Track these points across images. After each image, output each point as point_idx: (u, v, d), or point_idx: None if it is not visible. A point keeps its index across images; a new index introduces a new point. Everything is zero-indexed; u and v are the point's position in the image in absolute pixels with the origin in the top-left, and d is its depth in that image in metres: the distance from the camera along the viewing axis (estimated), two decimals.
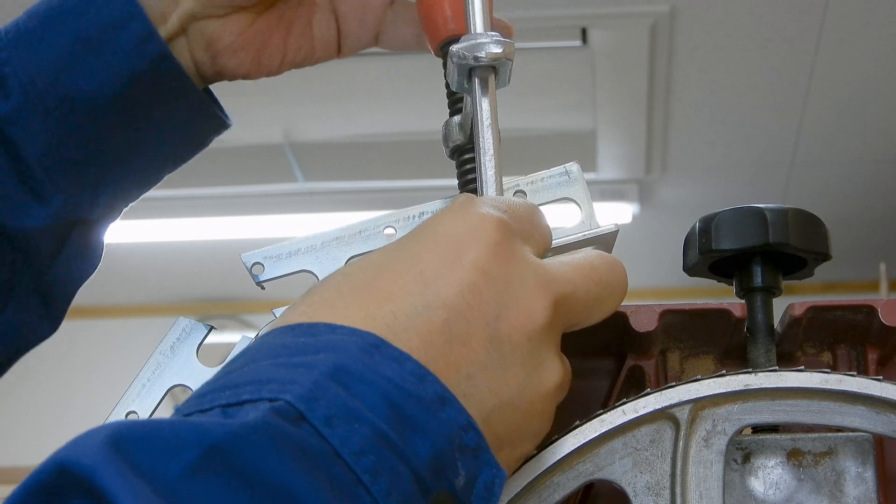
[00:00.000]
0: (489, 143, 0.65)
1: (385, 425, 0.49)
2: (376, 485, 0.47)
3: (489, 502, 0.51)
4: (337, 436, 0.47)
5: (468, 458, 0.50)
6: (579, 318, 0.59)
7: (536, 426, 0.56)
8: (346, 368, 0.50)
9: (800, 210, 0.67)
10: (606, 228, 0.66)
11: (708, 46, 3.21)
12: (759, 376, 0.60)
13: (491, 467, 0.51)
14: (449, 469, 0.50)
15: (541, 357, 0.55)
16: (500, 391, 0.54)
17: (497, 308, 0.54)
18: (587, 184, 0.68)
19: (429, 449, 0.49)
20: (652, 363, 0.69)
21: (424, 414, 0.50)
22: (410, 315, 0.53)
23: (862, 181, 3.96)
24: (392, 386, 0.50)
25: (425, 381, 0.51)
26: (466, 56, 0.65)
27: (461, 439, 0.50)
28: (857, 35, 3.15)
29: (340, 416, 0.48)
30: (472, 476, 0.50)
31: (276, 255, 0.66)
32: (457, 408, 0.51)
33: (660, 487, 0.60)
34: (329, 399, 0.48)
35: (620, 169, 3.89)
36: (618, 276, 0.60)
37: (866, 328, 0.67)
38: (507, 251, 0.56)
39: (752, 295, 0.68)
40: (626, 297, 0.66)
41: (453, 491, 0.49)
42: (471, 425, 0.51)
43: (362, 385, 0.50)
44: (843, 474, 0.63)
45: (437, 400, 0.51)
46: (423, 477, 0.49)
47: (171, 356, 0.67)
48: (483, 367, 0.53)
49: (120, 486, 0.42)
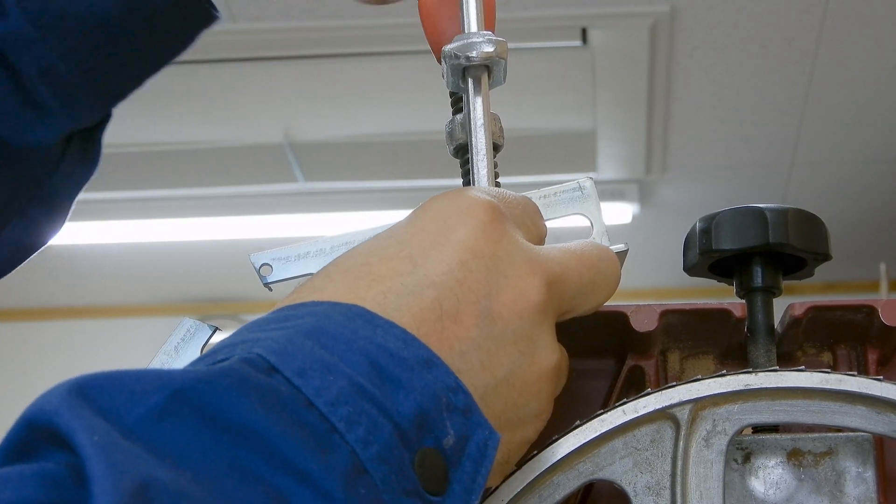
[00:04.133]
0: (482, 143, 0.65)
1: (364, 380, 0.48)
2: (352, 433, 0.46)
3: (482, 464, 0.50)
4: (310, 386, 0.47)
5: (457, 417, 0.50)
6: (572, 302, 0.58)
7: (534, 406, 0.55)
8: (324, 329, 0.49)
9: (800, 210, 0.67)
10: (616, 248, 0.66)
11: (708, 46, 3.21)
12: (759, 376, 0.60)
13: (484, 428, 0.50)
14: (436, 426, 0.49)
15: (534, 336, 0.55)
16: (493, 368, 0.53)
17: (487, 285, 0.54)
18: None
19: (412, 404, 0.48)
20: (652, 363, 0.69)
21: (407, 373, 0.49)
22: (400, 294, 0.53)
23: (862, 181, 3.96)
24: (374, 346, 0.49)
25: (410, 345, 0.50)
26: (459, 56, 0.65)
27: (449, 399, 0.49)
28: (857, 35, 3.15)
29: (315, 368, 0.47)
30: (462, 436, 0.49)
31: (284, 258, 0.66)
32: (444, 370, 0.50)
33: (660, 487, 0.60)
34: (304, 353, 0.48)
35: (620, 169, 3.89)
36: (609, 263, 0.60)
37: (866, 328, 0.67)
38: (495, 231, 0.55)
39: (752, 295, 0.68)
40: (626, 297, 0.67)
41: (441, 449, 0.48)
42: (459, 387, 0.50)
43: (341, 344, 0.49)
44: (844, 474, 0.63)
45: (422, 362, 0.50)
46: (405, 431, 0.47)
47: (175, 357, 0.66)
48: (476, 343, 0.53)
49: (78, 424, 0.41)
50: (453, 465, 0.49)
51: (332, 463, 0.45)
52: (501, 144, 0.67)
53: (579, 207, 0.67)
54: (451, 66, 0.65)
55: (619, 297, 0.67)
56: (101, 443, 0.41)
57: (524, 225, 0.59)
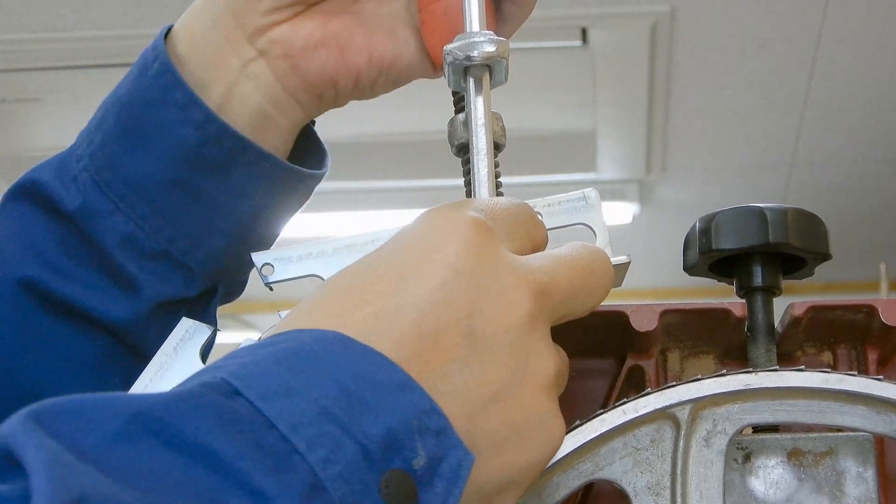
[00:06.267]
0: (483, 142, 0.65)
1: (330, 403, 0.48)
2: (313, 453, 0.46)
3: (455, 484, 0.49)
4: (273, 409, 0.47)
5: (429, 439, 0.49)
6: (566, 308, 0.58)
7: (535, 421, 0.55)
8: (296, 354, 0.50)
9: (800, 210, 0.67)
10: (618, 259, 0.66)
11: (708, 46, 3.21)
12: (759, 376, 0.60)
13: (458, 450, 0.50)
14: (406, 448, 0.48)
15: (524, 349, 0.54)
16: (481, 387, 0.53)
17: (469, 304, 0.54)
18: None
19: (380, 426, 0.48)
20: (652, 363, 0.69)
21: (378, 396, 0.49)
22: (381, 317, 0.53)
23: (862, 181, 3.96)
24: (345, 370, 0.49)
25: (385, 370, 0.50)
26: (460, 55, 0.65)
27: (421, 421, 0.49)
28: (857, 35, 3.15)
29: (280, 392, 0.47)
30: (435, 457, 0.49)
31: (286, 258, 0.66)
32: (418, 393, 0.50)
33: (660, 487, 0.60)
34: (269, 377, 0.48)
35: (620, 169, 3.90)
36: (601, 263, 0.59)
37: (866, 328, 0.67)
38: (479, 248, 0.55)
39: (752, 294, 0.68)
40: (626, 297, 0.66)
41: (411, 471, 0.48)
42: (433, 410, 0.50)
43: (311, 368, 0.49)
44: (844, 474, 0.63)
45: (395, 385, 0.50)
46: (371, 452, 0.47)
47: (173, 357, 0.66)
48: (459, 363, 0.53)
49: (30, 444, 0.41)
50: (424, 486, 0.49)
51: (289, 482, 0.45)
52: (503, 144, 0.67)
53: (583, 217, 0.67)
54: (453, 66, 0.65)
55: (619, 297, 0.67)
56: (48, 460, 0.41)
57: (516, 235, 0.58)
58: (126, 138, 0.73)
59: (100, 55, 3.23)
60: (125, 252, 0.73)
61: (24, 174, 0.77)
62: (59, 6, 3.02)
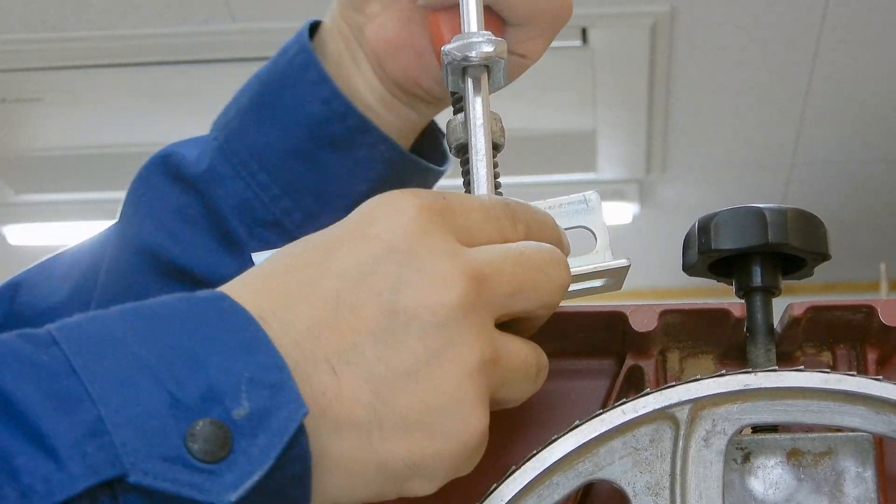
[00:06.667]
0: (481, 143, 0.65)
1: (151, 355, 0.48)
2: (106, 400, 0.47)
3: (281, 438, 0.49)
4: (81, 358, 0.48)
5: (261, 392, 0.49)
6: (511, 302, 0.57)
7: (451, 407, 0.53)
8: (141, 310, 0.51)
9: (799, 210, 0.67)
10: (618, 263, 0.65)
11: (708, 46, 3.21)
12: (758, 376, 0.60)
13: (292, 404, 0.50)
14: (227, 399, 0.48)
15: (450, 332, 0.53)
16: (392, 362, 0.53)
17: (396, 280, 0.53)
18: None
19: (202, 379, 0.48)
20: (651, 363, 0.69)
21: (211, 351, 0.49)
22: (305, 284, 0.53)
23: (862, 181, 3.96)
24: (188, 328, 0.50)
25: (241, 329, 0.50)
26: (458, 55, 0.65)
27: (255, 375, 0.49)
28: (857, 35, 3.15)
29: (98, 344, 0.48)
30: (262, 410, 0.49)
31: None
32: (265, 351, 0.50)
33: (659, 487, 0.60)
34: (96, 330, 0.49)
35: (620, 169, 3.90)
36: (553, 263, 0.59)
37: (866, 328, 0.67)
38: (418, 229, 0.55)
39: (751, 295, 0.68)
40: (626, 297, 0.66)
41: (229, 421, 0.48)
42: (276, 366, 0.50)
43: (150, 324, 0.50)
44: (843, 474, 0.63)
45: (239, 343, 0.50)
46: (180, 400, 0.48)
47: None
48: (373, 335, 0.53)
49: None
50: (243, 437, 0.48)
51: (69, 423, 0.46)
52: (502, 144, 0.67)
53: (583, 220, 0.67)
54: (451, 66, 0.65)
55: (618, 297, 0.67)
56: None
57: (477, 230, 0.57)
58: (257, 112, 0.78)
59: (100, 55, 3.23)
60: (239, 217, 0.77)
61: (165, 147, 0.83)
62: (59, 6, 3.02)
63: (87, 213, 4.05)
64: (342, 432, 0.52)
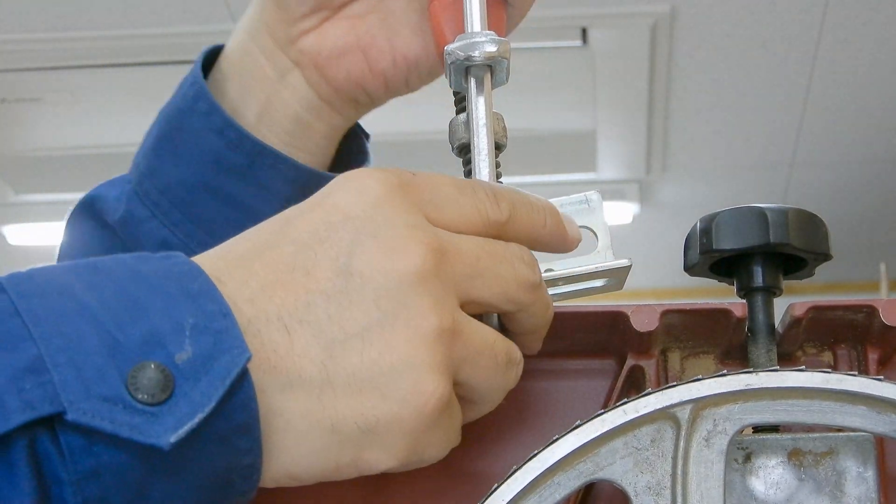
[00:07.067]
0: (484, 142, 0.65)
1: (95, 302, 0.49)
2: (47, 341, 0.47)
3: (224, 381, 0.49)
4: (27, 302, 0.48)
5: (205, 337, 0.50)
6: (469, 285, 0.56)
7: (402, 368, 0.53)
8: (95, 263, 0.52)
9: (800, 210, 0.67)
10: (619, 263, 0.65)
11: (708, 46, 3.21)
12: (760, 376, 0.60)
13: (235, 349, 0.50)
14: (170, 344, 0.49)
15: (404, 298, 0.54)
16: (344, 322, 0.53)
17: (351, 244, 0.54)
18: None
19: (145, 323, 0.49)
20: (652, 363, 0.69)
21: (156, 299, 0.50)
22: (262, 248, 0.54)
23: (862, 181, 3.96)
24: (135, 279, 0.51)
25: (190, 280, 0.51)
26: (461, 55, 0.65)
27: (199, 321, 0.50)
28: (857, 35, 3.15)
29: (45, 292, 0.49)
30: (206, 354, 0.49)
31: None
32: (211, 299, 0.51)
33: (660, 487, 0.60)
34: (44, 279, 0.50)
35: (620, 169, 3.90)
36: (520, 259, 0.58)
37: (867, 328, 0.67)
38: (378, 199, 0.55)
39: (752, 295, 0.68)
40: (627, 297, 0.66)
41: (171, 365, 0.49)
42: (221, 313, 0.50)
43: (99, 275, 0.51)
44: (844, 474, 0.63)
45: (186, 292, 0.51)
46: (121, 343, 0.48)
47: None
48: (325, 295, 0.53)
49: None
50: (184, 380, 0.49)
51: (7, 361, 0.47)
52: (504, 144, 0.67)
53: (584, 220, 0.67)
54: (454, 66, 0.65)
55: (619, 297, 0.67)
56: None
57: (449, 207, 0.57)
58: (162, 149, 0.79)
59: (100, 55, 3.23)
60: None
61: (91, 190, 0.85)
62: (59, 6, 3.02)
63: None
64: (293, 389, 0.52)
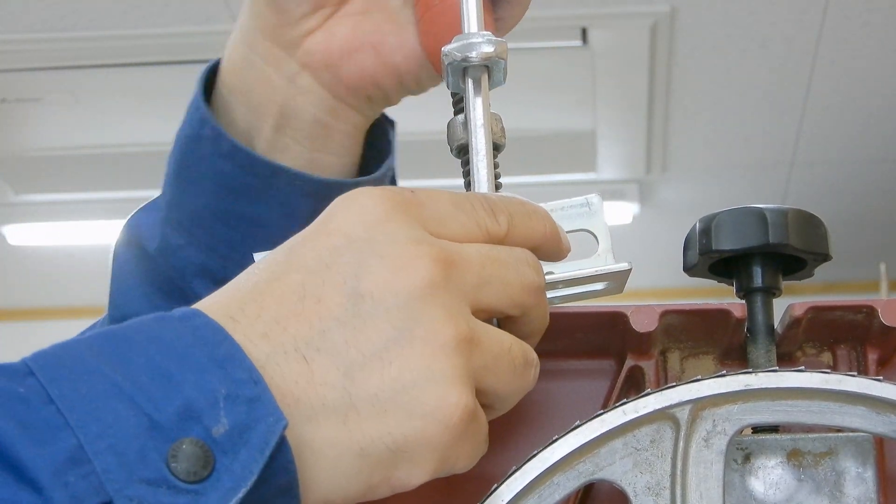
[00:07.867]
0: (482, 143, 0.65)
1: (125, 380, 0.49)
2: (84, 427, 0.47)
3: (263, 451, 0.49)
4: (58, 387, 0.48)
5: (239, 407, 0.49)
6: (479, 293, 0.56)
7: (423, 382, 0.53)
8: (112, 335, 0.51)
9: (800, 210, 0.67)
10: (620, 266, 0.65)
11: (708, 46, 3.21)
12: (759, 376, 0.60)
13: (271, 416, 0.50)
14: (206, 417, 0.49)
15: (416, 312, 0.54)
16: (361, 345, 0.53)
17: (357, 267, 0.54)
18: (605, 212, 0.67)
19: (178, 398, 0.49)
20: (652, 363, 0.69)
21: (185, 369, 0.49)
22: (270, 280, 0.54)
23: (862, 181, 3.96)
24: (160, 348, 0.50)
25: (211, 343, 0.51)
26: (458, 56, 0.65)
27: (231, 391, 0.49)
28: (857, 35, 3.15)
29: (73, 372, 0.49)
30: (242, 425, 0.49)
31: None
32: (238, 364, 0.50)
33: (660, 488, 0.60)
34: (69, 358, 0.49)
35: (620, 169, 3.90)
36: (524, 262, 0.59)
37: (866, 328, 0.67)
38: (377, 218, 0.55)
39: (752, 295, 0.68)
40: (627, 298, 0.66)
41: (209, 439, 0.48)
42: (251, 380, 0.50)
43: (122, 348, 0.50)
44: (843, 474, 0.63)
45: (212, 358, 0.50)
46: (159, 423, 0.48)
47: None
48: (339, 321, 0.53)
49: None
50: (224, 454, 0.49)
51: (48, 453, 0.46)
52: (503, 144, 0.67)
53: (585, 223, 0.66)
54: (451, 67, 0.65)
55: (619, 298, 0.67)
56: None
57: (450, 221, 0.57)
58: (181, 175, 0.78)
59: (100, 55, 3.23)
60: (202, 281, 0.77)
61: (131, 216, 0.85)
62: (59, 6, 3.02)
63: (87, 213, 4.05)
64: (318, 419, 0.52)
